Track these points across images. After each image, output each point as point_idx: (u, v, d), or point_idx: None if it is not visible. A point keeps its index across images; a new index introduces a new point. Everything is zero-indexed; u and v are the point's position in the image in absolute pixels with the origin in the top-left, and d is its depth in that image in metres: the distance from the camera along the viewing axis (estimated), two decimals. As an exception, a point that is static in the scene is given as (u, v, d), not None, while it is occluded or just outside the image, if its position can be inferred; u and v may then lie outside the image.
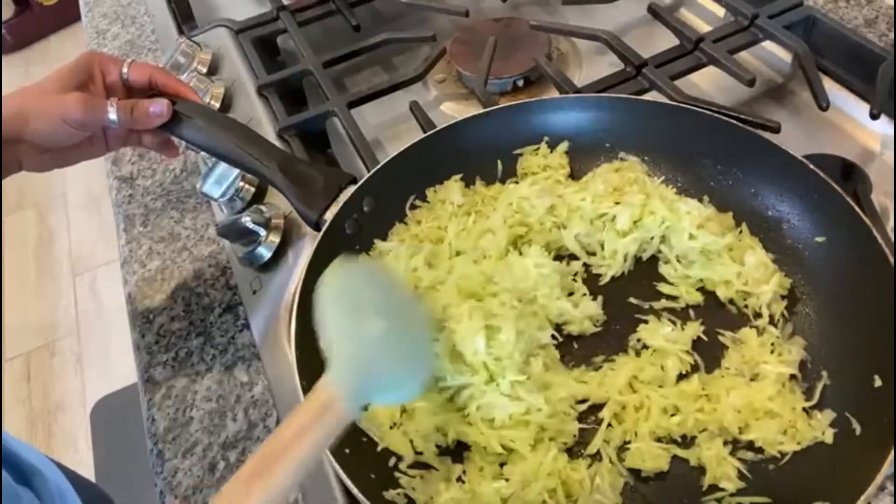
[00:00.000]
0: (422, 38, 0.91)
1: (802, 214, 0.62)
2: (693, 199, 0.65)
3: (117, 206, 0.84)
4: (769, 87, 0.83)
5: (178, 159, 0.87)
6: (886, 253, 0.55)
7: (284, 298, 0.68)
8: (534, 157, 0.71)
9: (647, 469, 0.53)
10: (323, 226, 0.63)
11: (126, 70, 0.66)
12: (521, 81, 0.87)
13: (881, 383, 0.51)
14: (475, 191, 0.71)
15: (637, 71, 0.79)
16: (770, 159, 0.63)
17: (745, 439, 0.53)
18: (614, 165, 0.70)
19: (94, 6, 1.15)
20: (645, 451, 0.53)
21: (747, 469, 0.52)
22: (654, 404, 0.55)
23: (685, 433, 0.54)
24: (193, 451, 0.62)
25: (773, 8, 0.82)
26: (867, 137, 0.74)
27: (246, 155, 0.65)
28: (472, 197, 0.70)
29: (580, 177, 0.70)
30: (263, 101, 0.86)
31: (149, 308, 0.73)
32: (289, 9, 0.98)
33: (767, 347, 0.57)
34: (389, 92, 0.85)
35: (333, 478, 0.56)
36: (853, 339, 0.55)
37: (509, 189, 0.69)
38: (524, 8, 1.02)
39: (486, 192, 0.70)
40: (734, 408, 0.53)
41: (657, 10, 0.87)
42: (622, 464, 0.54)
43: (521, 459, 0.53)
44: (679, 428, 0.54)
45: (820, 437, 0.52)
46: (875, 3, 0.84)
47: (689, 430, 0.54)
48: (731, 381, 0.56)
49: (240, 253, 0.72)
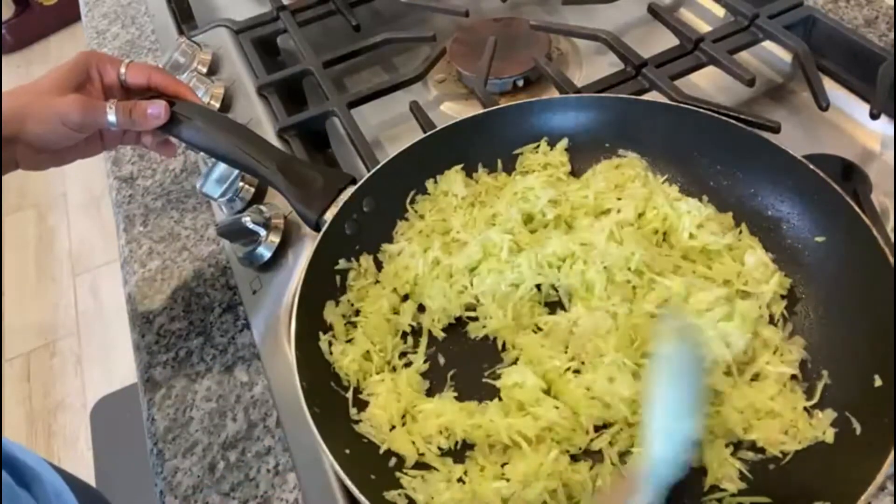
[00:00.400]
0: (422, 38, 0.91)
1: (802, 214, 0.62)
2: (693, 199, 0.65)
3: (117, 206, 0.84)
4: (769, 87, 0.83)
5: (178, 159, 0.87)
6: (886, 253, 0.55)
7: (284, 298, 0.68)
8: (534, 155, 0.71)
9: None
10: (323, 226, 0.63)
11: (124, 70, 0.66)
12: (521, 81, 0.87)
13: (881, 383, 0.51)
14: (478, 180, 0.71)
15: (637, 71, 0.79)
16: (770, 159, 0.63)
17: (748, 439, 0.53)
18: (614, 162, 0.70)
19: (94, 6, 1.15)
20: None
21: (748, 469, 0.52)
22: None
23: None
24: (193, 451, 0.62)
25: (773, 8, 0.82)
26: (867, 137, 0.74)
27: (245, 155, 0.65)
28: (476, 188, 0.70)
29: (580, 176, 0.71)
30: (263, 101, 0.86)
31: (149, 308, 0.73)
32: (289, 9, 0.98)
33: (769, 348, 0.57)
34: (389, 92, 0.85)
35: (333, 478, 0.56)
36: (853, 339, 0.55)
37: (516, 179, 0.69)
38: (524, 8, 1.02)
39: (491, 182, 0.70)
40: (736, 409, 0.53)
41: (657, 10, 0.87)
42: (624, 466, 0.53)
43: (522, 459, 0.53)
44: None
45: (821, 436, 0.52)
46: (875, 3, 0.84)
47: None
48: (732, 381, 0.55)
49: (240, 253, 0.72)
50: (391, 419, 0.57)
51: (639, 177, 0.67)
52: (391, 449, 0.55)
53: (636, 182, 0.67)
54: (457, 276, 0.63)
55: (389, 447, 0.55)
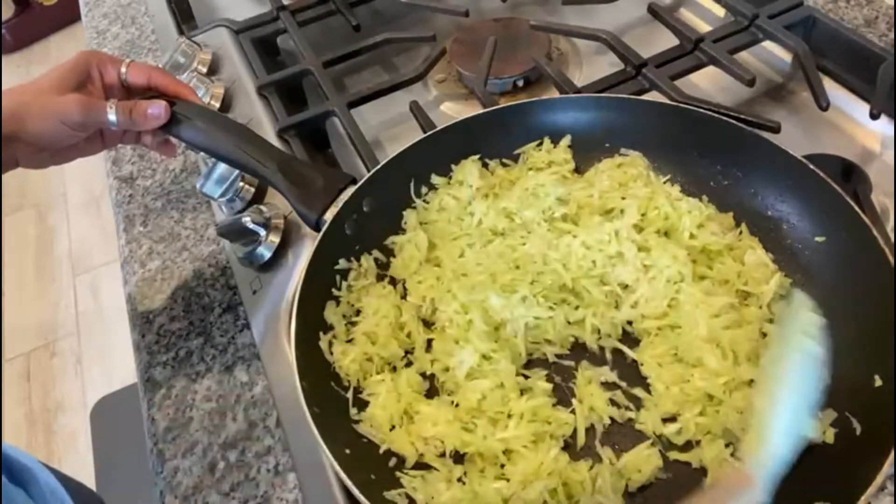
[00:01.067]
0: (422, 38, 0.91)
1: (802, 214, 0.62)
2: (693, 199, 0.65)
3: (117, 206, 0.84)
4: (769, 87, 0.83)
5: (178, 159, 0.87)
6: (886, 253, 0.55)
7: (284, 298, 0.68)
8: (538, 153, 0.71)
9: (639, 480, 0.53)
10: (323, 226, 0.63)
11: (124, 70, 0.66)
12: (521, 81, 0.87)
13: (881, 383, 0.51)
14: (493, 171, 0.71)
15: (637, 71, 0.79)
16: (770, 159, 0.63)
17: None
18: (617, 161, 0.70)
19: (94, 6, 1.15)
20: (640, 458, 0.53)
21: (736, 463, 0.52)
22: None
23: (689, 439, 0.54)
24: (193, 451, 0.62)
25: (773, 8, 0.82)
26: (867, 137, 0.74)
27: (245, 156, 0.65)
28: (490, 179, 0.70)
29: (582, 174, 0.71)
30: (263, 101, 0.86)
31: (149, 308, 0.73)
32: (289, 9, 0.98)
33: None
34: (389, 92, 0.85)
35: (333, 478, 0.56)
36: (853, 339, 0.55)
37: (529, 174, 0.69)
38: (524, 8, 1.02)
39: (506, 175, 0.71)
40: (736, 409, 0.53)
41: (657, 10, 0.87)
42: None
43: (521, 459, 0.53)
44: (681, 436, 0.54)
45: (821, 436, 0.52)
46: (875, 3, 0.84)
47: (693, 436, 0.54)
48: (732, 383, 0.55)
49: (240, 253, 0.72)
50: (391, 419, 0.57)
51: (641, 176, 0.67)
52: (391, 449, 0.55)
53: (638, 181, 0.67)
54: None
55: (389, 447, 0.55)
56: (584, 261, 0.62)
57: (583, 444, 0.55)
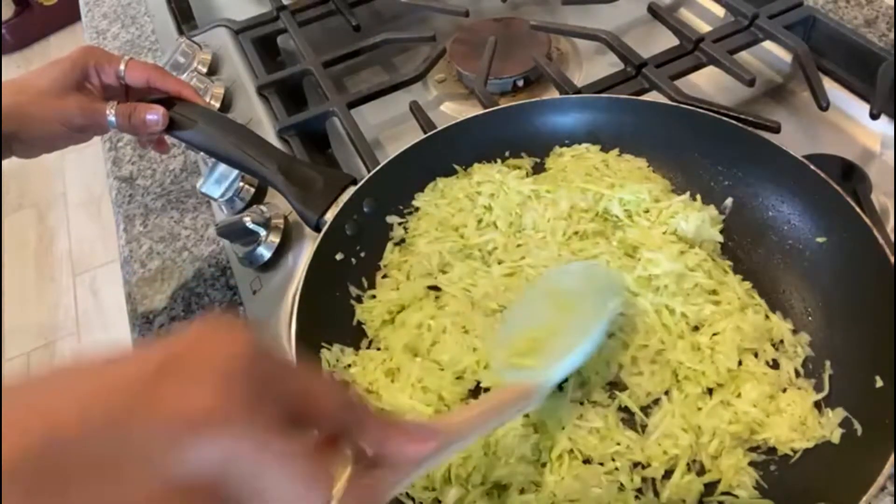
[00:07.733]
0: (422, 38, 0.91)
1: (802, 214, 0.62)
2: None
3: (117, 206, 0.84)
4: (769, 87, 0.83)
5: (178, 159, 0.87)
6: (886, 253, 0.55)
7: (284, 298, 0.68)
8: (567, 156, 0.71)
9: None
10: (323, 227, 0.63)
11: (123, 68, 0.66)
12: (521, 81, 0.87)
13: (882, 384, 0.51)
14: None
15: (637, 71, 0.79)
16: (770, 159, 0.63)
17: (759, 439, 0.53)
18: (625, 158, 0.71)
19: (94, 6, 1.15)
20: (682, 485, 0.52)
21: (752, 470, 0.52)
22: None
23: (715, 454, 0.53)
24: (193, 451, 0.62)
25: (773, 8, 0.82)
26: (867, 137, 0.74)
27: (246, 156, 0.65)
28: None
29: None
30: (263, 101, 0.86)
31: (149, 308, 0.73)
32: (289, 9, 0.98)
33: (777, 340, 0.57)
34: (389, 92, 0.85)
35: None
36: (854, 340, 0.55)
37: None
38: (524, 8, 1.02)
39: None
40: (750, 401, 0.53)
41: (657, 10, 0.87)
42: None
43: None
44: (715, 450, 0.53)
45: (828, 435, 0.51)
46: (875, 3, 0.84)
47: (717, 450, 0.52)
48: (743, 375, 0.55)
49: (240, 253, 0.72)
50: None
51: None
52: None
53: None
54: None
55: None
56: None
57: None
